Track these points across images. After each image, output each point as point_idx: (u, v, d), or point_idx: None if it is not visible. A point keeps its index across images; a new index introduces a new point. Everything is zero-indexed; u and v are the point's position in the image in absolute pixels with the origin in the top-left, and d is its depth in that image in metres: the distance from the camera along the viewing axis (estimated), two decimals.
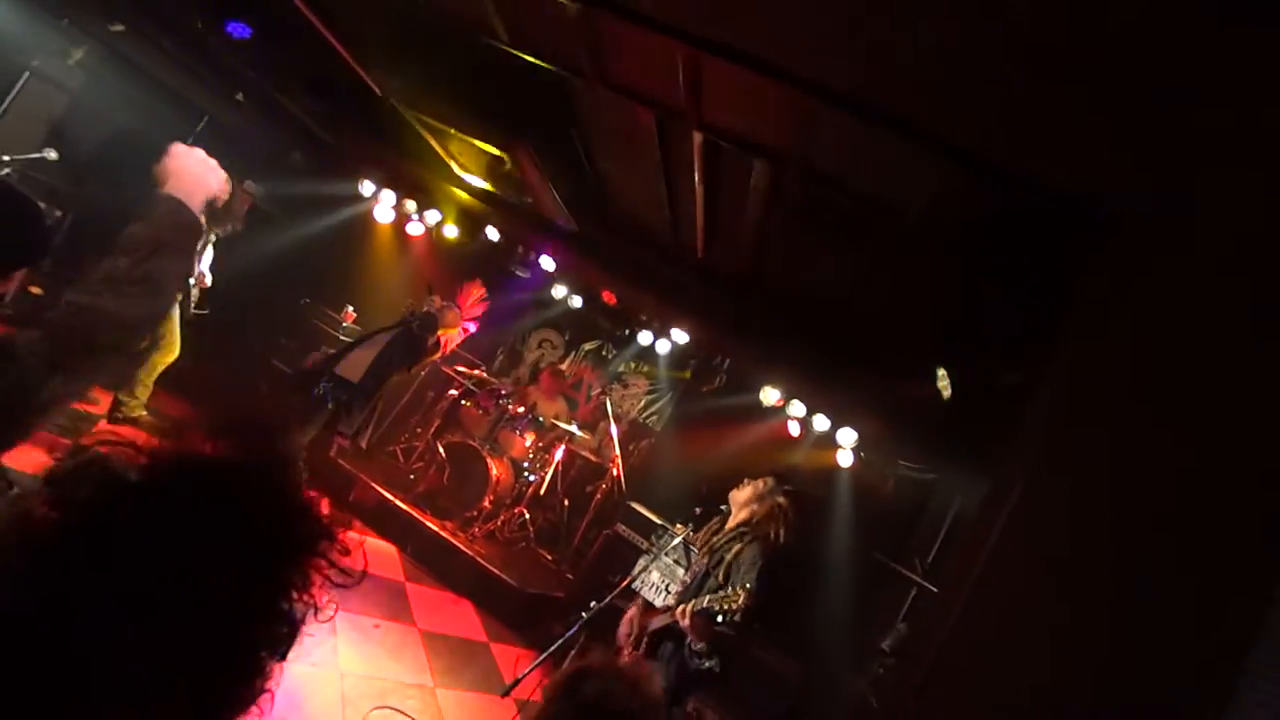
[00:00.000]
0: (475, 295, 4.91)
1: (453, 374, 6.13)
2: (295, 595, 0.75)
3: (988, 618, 1.33)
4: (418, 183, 5.79)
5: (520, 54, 2.95)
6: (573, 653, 3.40)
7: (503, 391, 6.06)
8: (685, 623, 2.78)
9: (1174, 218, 1.26)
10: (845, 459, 5.01)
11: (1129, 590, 1.04)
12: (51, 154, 3.67)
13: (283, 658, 0.75)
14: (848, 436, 4.87)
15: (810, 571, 4.64)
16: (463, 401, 6.12)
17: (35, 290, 5.19)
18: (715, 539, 3.24)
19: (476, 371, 6.20)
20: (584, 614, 3.42)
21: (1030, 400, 1.69)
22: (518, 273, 6.09)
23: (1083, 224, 1.72)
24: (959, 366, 2.96)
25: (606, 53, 2.63)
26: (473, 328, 4.98)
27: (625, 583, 3.82)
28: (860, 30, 1.76)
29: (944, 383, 3.07)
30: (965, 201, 2.17)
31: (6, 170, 3.21)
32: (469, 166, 5.05)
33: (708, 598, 2.79)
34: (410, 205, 6.01)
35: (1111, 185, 1.60)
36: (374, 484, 5.23)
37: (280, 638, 0.74)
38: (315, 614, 0.77)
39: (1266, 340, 1.04)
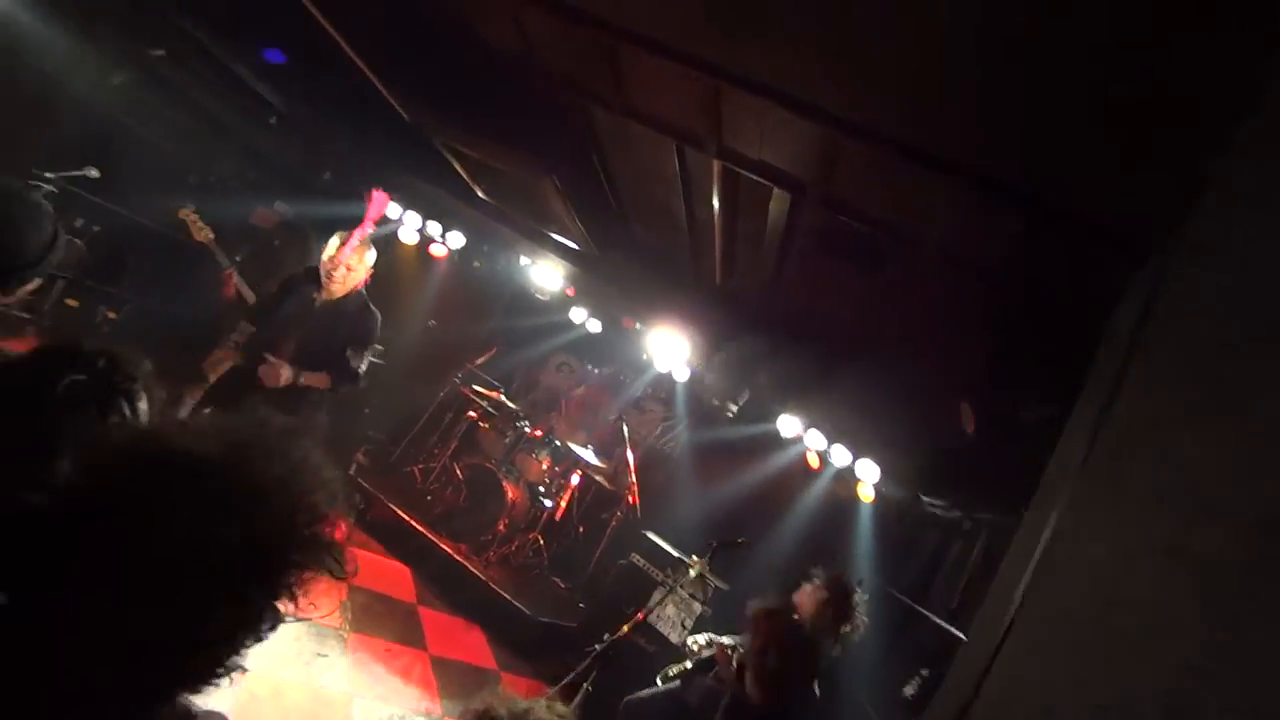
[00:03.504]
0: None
1: (471, 395, 6.14)
2: (284, 591, 0.78)
3: (1019, 668, 1.24)
4: (442, 206, 5.88)
5: (546, 83, 3.00)
6: (585, 687, 3.30)
7: (521, 415, 6.04)
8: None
9: (1208, 248, 1.20)
10: (866, 493, 4.87)
11: (1171, 642, 0.95)
12: (93, 172, 3.80)
13: (259, 639, 0.79)
14: (869, 470, 4.75)
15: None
16: (480, 424, 6.12)
17: (72, 303, 5.35)
18: None
19: (494, 394, 6.20)
20: (596, 646, 3.33)
21: (1062, 435, 1.61)
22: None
23: (1117, 254, 1.66)
24: (985, 399, 2.87)
25: (629, 82, 2.66)
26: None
27: (640, 616, 3.72)
28: (887, 68, 1.75)
29: (968, 416, 2.97)
30: (992, 231, 2.12)
31: (50, 186, 3.32)
32: (492, 191, 5.13)
33: None
34: (434, 227, 6.11)
35: (1144, 215, 1.54)
36: (391, 503, 5.22)
37: (256, 624, 0.77)
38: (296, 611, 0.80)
39: None
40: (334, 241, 3.23)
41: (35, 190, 1.70)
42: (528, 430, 5.92)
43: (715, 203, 3.10)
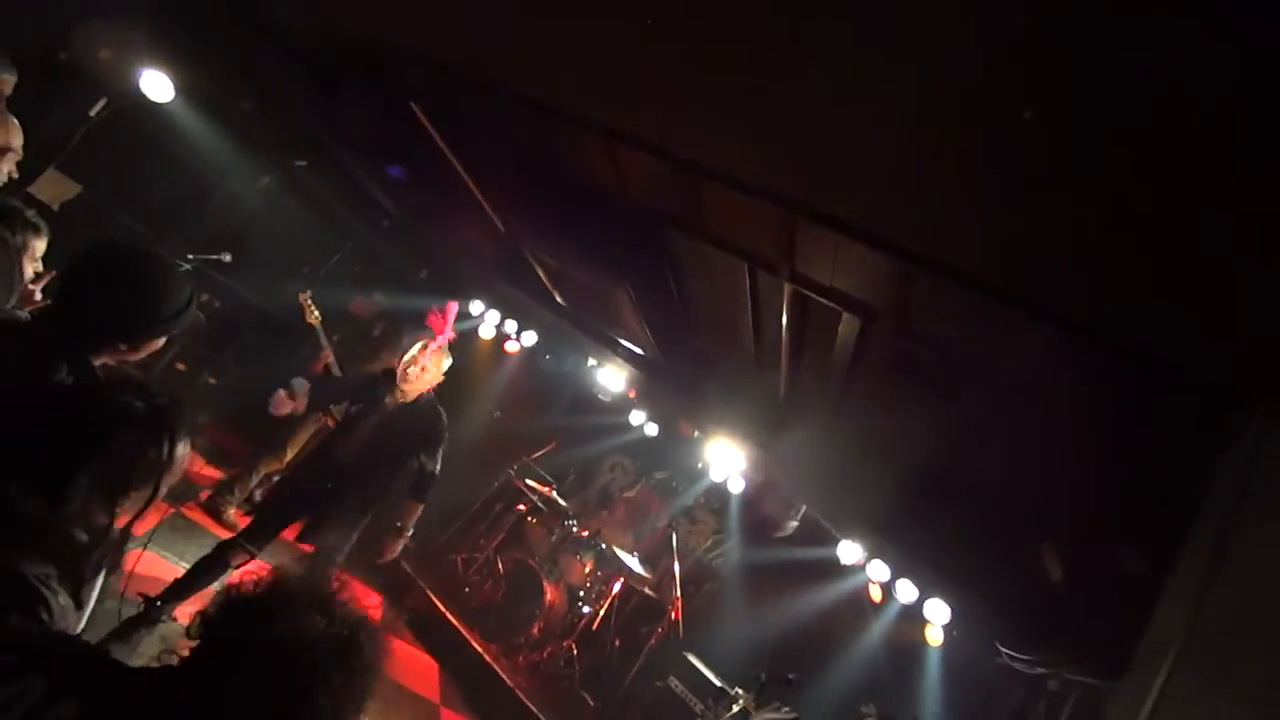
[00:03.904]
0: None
1: (523, 488, 6.17)
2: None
3: None
4: (522, 307, 6.27)
5: (630, 208, 3.27)
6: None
7: (570, 513, 5.99)
8: None
9: None
10: (935, 636, 4.46)
11: None
12: (227, 257, 4.32)
13: None
14: (938, 611, 4.38)
15: None
16: (529, 518, 6.10)
17: (180, 366, 5.87)
18: None
19: (547, 489, 6.21)
20: None
21: (1163, 596, 1.48)
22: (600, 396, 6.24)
23: (1216, 402, 1.59)
24: (1074, 546, 2.66)
25: (708, 211, 2.86)
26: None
27: None
28: (965, 210, 1.84)
29: (1054, 563, 2.75)
30: (1081, 373, 2.08)
31: (188, 265, 3.79)
32: (569, 296, 5.44)
33: None
34: (511, 325, 6.48)
35: (1238, 362, 1.49)
36: (429, 591, 5.16)
37: None
38: None
39: None
40: (415, 346, 3.47)
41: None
42: (575, 529, 5.83)
43: (784, 322, 3.18)
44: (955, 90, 1.62)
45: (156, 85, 4.28)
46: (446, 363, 3.51)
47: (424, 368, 3.40)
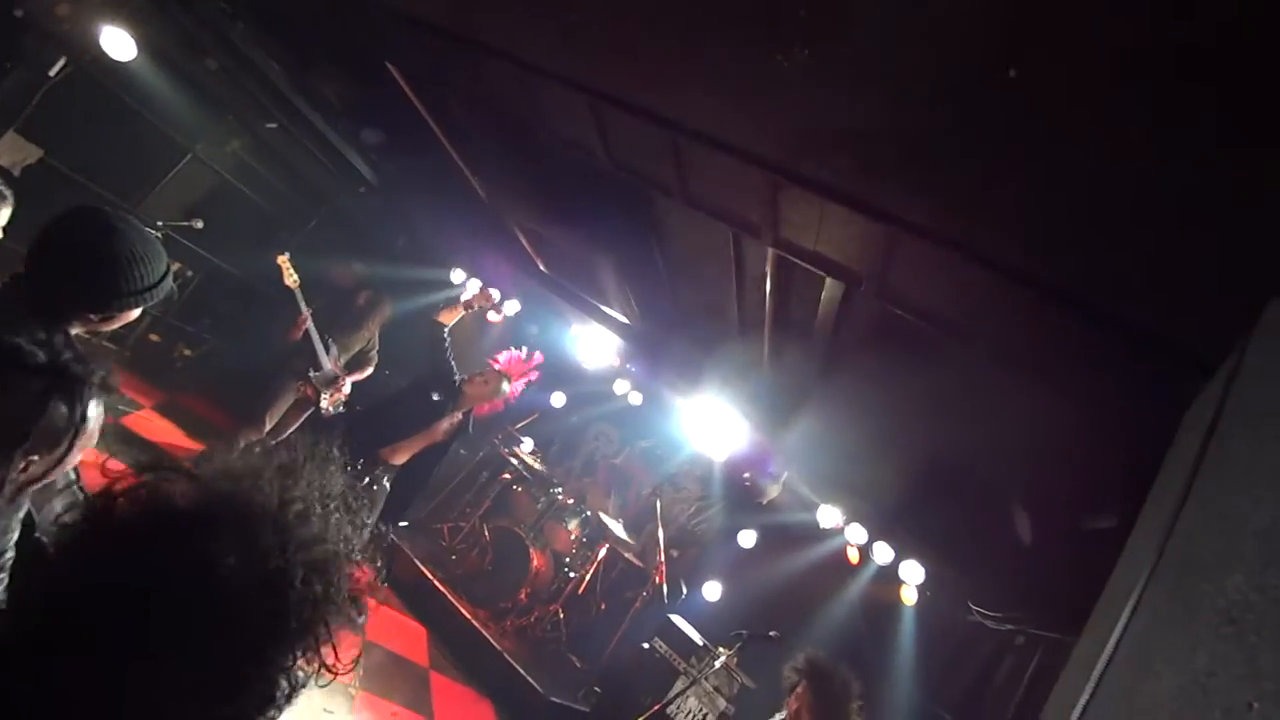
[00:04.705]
0: (529, 364, 4.27)
1: (509, 457, 6.20)
2: (302, 656, 0.71)
3: None
4: (505, 275, 6.20)
5: (612, 171, 3.22)
6: None
7: (555, 481, 6.05)
8: None
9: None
10: (909, 596, 4.62)
11: None
12: (198, 223, 4.21)
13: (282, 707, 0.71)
14: (913, 571, 4.52)
15: None
16: (515, 486, 6.14)
17: (154, 338, 5.75)
18: None
19: (532, 458, 6.25)
20: None
21: (1125, 547, 1.54)
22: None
23: (1182, 363, 1.64)
24: (1043, 508, 2.75)
25: (691, 173, 2.84)
26: (511, 392, 4.12)
27: (659, 707, 3.55)
28: (949, 173, 1.84)
29: (1025, 524, 2.84)
30: (1053, 338, 2.12)
31: (159, 233, 3.69)
32: (551, 264, 5.39)
33: None
34: (494, 294, 6.42)
35: (1212, 325, 1.54)
36: (415, 559, 5.21)
37: (269, 697, 0.70)
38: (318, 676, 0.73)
39: None
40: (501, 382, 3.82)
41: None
42: (560, 497, 5.89)
43: (767, 288, 3.19)
44: (937, 49, 1.61)
45: (118, 43, 4.09)
46: (507, 390, 3.82)
47: (494, 386, 3.76)
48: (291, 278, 4.27)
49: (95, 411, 1.14)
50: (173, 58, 4.67)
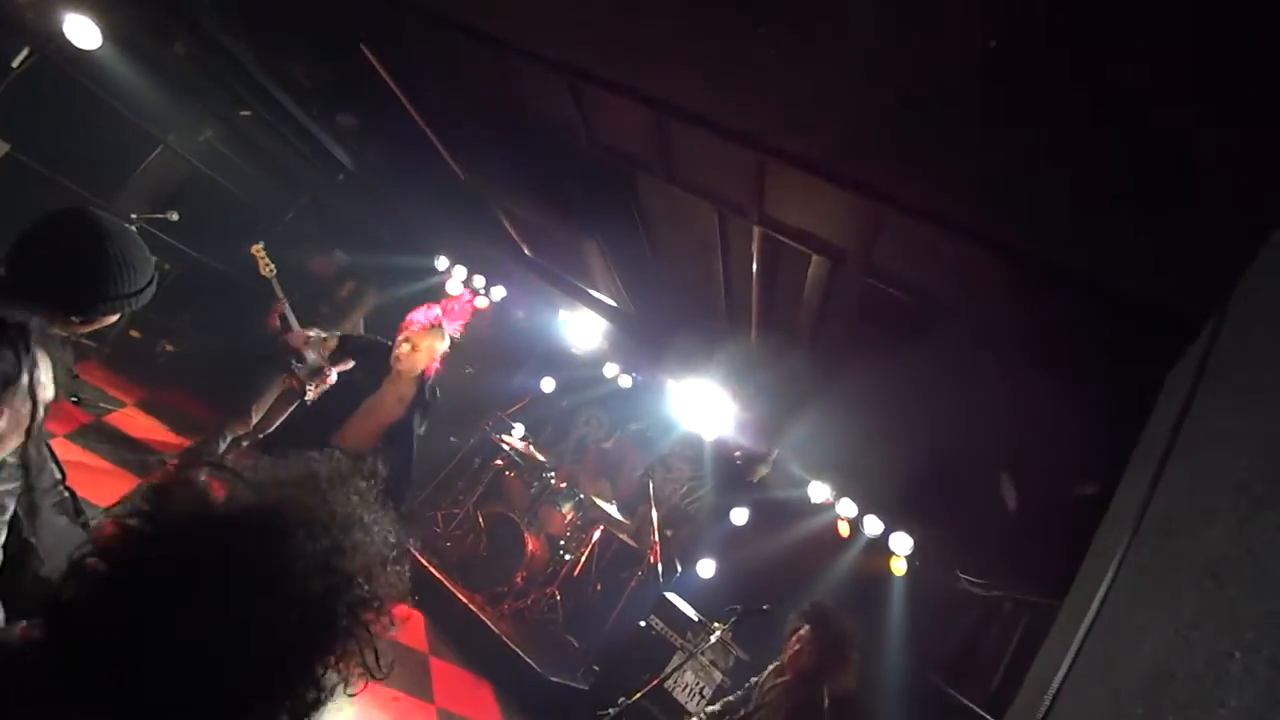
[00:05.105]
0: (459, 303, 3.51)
1: (501, 443, 6.20)
2: (332, 661, 0.74)
3: None
4: (490, 260, 6.15)
5: (595, 151, 3.19)
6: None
7: (548, 465, 6.06)
8: None
9: (1258, 321, 1.22)
10: (899, 567, 4.71)
11: None
12: (174, 215, 4.12)
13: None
14: (902, 543, 4.61)
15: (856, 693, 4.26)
16: (507, 472, 6.15)
17: (134, 334, 5.66)
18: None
19: (524, 444, 6.25)
20: (611, 710, 3.22)
21: (1108, 510, 1.58)
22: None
23: (1160, 332, 1.67)
24: (1029, 476, 2.80)
25: (675, 152, 2.81)
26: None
27: (656, 681, 3.60)
28: (928, 150, 1.84)
29: (1011, 492, 2.90)
30: (1035, 307, 2.15)
31: (133, 226, 3.61)
32: (537, 248, 5.35)
33: None
34: (479, 280, 6.37)
35: (1192, 289, 1.56)
36: (409, 547, 5.21)
37: (306, 702, 0.72)
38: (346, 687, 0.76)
39: None
40: (432, 339, 3.25)
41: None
42: (553, 481, 5.92)
43: (754, 266, 3.19)
44: (918, 25, 1.60)
45: (82, 31, 3.97)
46: (440, 345, 3.26)
47: (413, 346, 3.17)
48: (268, 267, 4.20)
49: (45, 378, 1.10)
50: (140, 44, 4.53)
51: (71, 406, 4.38)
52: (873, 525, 4.82)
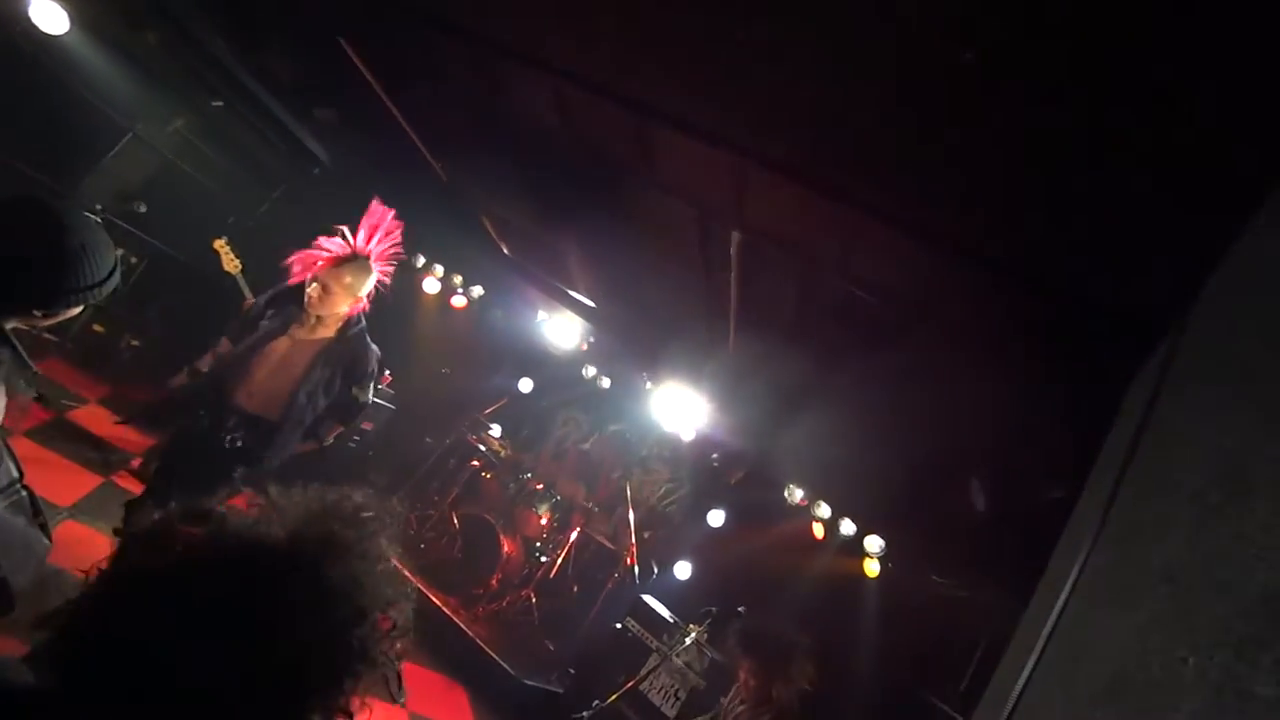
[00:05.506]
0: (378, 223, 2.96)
1: (477, 444, 6.14)
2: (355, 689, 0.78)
3: None
4: (468, 259, 6.09)
5: (577, 151, 3.18)
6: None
7: (525, 466, 6.02)
8: None
9: (1220, 327, 1.25)
10: (872, 568, 4.77)
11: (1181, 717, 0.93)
12: (141, 207, 4.01)
13: None
14: (875, 544, 4.67)
15: (829, 693, 4.31)
16: (484, 473, 6.10)
17: (98, 329, 5.49)
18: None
19: (501, 444, 6.20)
20: (585, 713, 3.21)
21: (1073, 513, 1.62)
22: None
23: (1129, 335, 1.71)
24: (997, 478, 2.85)
25: (656, 154, 2.82)
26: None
27: (632, 683, 3.60)
28: (907, 155, 1.87)
29: (980, 494, 2.95)
30: (1005, 312, 2.19)
31: (99, 218, 3.51)
32: (516, 248, 5.32)
33: None
34: (457, 279, 6.31)
35: (1156, 296, 1.60)
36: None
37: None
38: None
39: None
40: (359, 275, 2.80)
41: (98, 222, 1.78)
42: (530, 482, 5.88)
43: (733, 270, 3.21)
44: (895, 32, 1.62)
45: (49, 15, 3.84)
46: (361, 283, 2.74)
47: (324, 286, 2.67)
48: (232, 262, 4.08)
49: None
50: (109, 31, 4.40)
51: (31, 403, 4.24)
52: (846, 526, 4.89)
